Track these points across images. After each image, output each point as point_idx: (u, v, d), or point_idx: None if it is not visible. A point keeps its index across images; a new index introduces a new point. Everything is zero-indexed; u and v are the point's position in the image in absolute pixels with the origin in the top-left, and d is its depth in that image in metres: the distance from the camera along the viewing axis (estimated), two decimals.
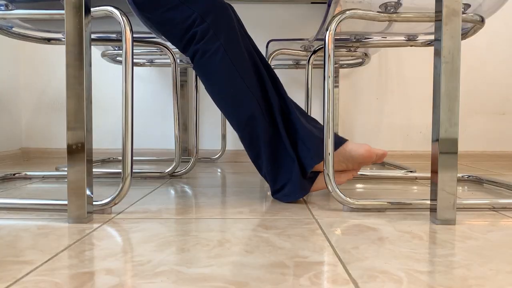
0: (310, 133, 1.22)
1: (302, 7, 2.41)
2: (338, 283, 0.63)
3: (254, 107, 1.21)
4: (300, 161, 1.21)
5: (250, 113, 1.20)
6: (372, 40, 1.62)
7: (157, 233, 0.89)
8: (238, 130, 1.24)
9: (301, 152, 1.22)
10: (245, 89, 1.20)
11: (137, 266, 0.70)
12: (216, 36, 1.19)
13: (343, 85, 2.47)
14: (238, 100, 1.21)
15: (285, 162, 1.23)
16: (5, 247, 0.80)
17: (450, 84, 0.96)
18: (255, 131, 1.22)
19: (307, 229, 0.93)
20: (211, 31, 1.19)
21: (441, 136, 0.97)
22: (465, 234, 0.90)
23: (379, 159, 1.28)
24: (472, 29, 1.31)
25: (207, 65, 1.21)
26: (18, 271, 0.67)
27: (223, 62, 1.19)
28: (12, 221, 0.98)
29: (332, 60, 1.14)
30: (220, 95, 1.23)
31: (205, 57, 1.21)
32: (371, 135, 2.51)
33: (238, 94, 1.21)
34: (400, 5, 1.19)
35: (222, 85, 1.22)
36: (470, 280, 0.65)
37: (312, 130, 1.24)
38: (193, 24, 1.20)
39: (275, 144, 1.23)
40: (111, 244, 0.82)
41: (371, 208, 1.11)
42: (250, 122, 1.21)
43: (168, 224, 0.97)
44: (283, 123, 1.24)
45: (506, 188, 1.41)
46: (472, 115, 2.49)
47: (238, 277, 0.65)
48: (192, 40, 1.22)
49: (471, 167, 2.06)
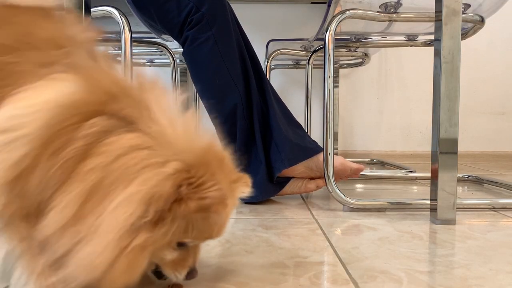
0: (285, 137, 1.21)
1: (302, 7, 2.41)
2: (338, 283, 0.63)
3: (237, 102, 1.19)
4: (269, 164, 1.21)
5: (232, 107, 1.19)
6: (372, 40, 1.62)
7: None
8: (219, 124, 1.22)
9: (272, 155, 1.20)
10: (230, 82, 1.20)
11: None
12: (208, 25, 1.19)
13: (343, 85, 2.47)
14: (221, 92, 1.20)
15: (252, 163, 1.21)
16: None
17: (450, 84, 0.96)
18: (233, 128, 1.20)
19: (307, 229, 0.93)
20: (204, 19, 1.19)
21: (441, 136, 0.97)
22: (465, 234, 0.90)
23: (355, 173, 1.28)
24: (472, 29, 1.31)
25: (196, 53, 1.20)
26: None
27: (211, 52, 1.19)
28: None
29: (332, 60, 1.14)
30: (205, 84, 1.23)
31: (194, 45, 1.20)
32: (371, 135, 2.51)
33: (223, 86, 1.20)
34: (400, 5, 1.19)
35: (209, 75, 1.21)
36: (470, 280, 0.65)
37: (289, 134, 1.22)
38: (189, 14, 1.21)
39: (249, 144, 1.22)
40: None
41: (371, 208, 1.11)
42: (230, 117, 1.20)
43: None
44: (260, 123, 1.22)
45: (506, 188, 1.41)
46: (472, 115, 2.49)
47: (238, 277, 0.65)
48: (186, 26, 1.22)
49: (471, 167, 2.06)
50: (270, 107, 1.24)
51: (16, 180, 0.50)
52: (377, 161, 2.19)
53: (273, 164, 1.19)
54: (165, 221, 0.50)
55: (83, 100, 0.51)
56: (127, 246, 0.48)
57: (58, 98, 0.50)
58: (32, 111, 0.50)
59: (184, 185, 0.49)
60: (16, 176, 0.49)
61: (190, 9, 1.21)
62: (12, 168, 0.49)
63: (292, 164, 1.19)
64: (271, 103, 1.25)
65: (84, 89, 0.51)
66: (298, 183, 1.24)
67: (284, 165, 1.18)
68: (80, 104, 0.50)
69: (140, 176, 0.49)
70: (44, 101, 0.50)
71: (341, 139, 2.45)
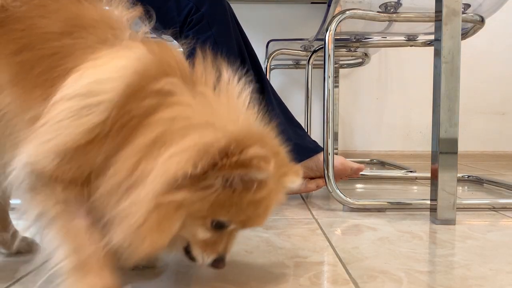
0: (285, 137, 1.21)
1: (302, 7, 2.41)
2: (338, 283, 0.63)
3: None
4: None
5: None
6: (372, 40, 1.62)
7: None
8: None
9: None
10: None
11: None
12: (208, 26, 1.19)
13: (343, 85, 2.47)
14: None
15: None
16: None
17: (450, 84, 0.96)
18: None
19: (307, 229, 0.93)
20: (204, 20, 1.19)
21: (441, 136, 0.97)
22: (465, 234, 0.90)
23: (355, 173, 1.28)
24: (472, 29, 1.31)
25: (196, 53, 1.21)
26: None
27: (211, 52, 1.19)
28: None
29: (332, 60, 1.14)
30: None
31: (194, 45, 1.20)
32: (371, 135, 2.51)
33: None
34: (400, 5, 1.19)
35: None
36: (470, 280, 0.65)
37: (289, 134, 1.22)
38: (189, 14, 1.21)
39: None
40: None
41: (371, 208, 1.11)
42: None
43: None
44: None
45: (506, 188, 1.41)
46: (472, 115, 2.49)
47: (238, 277, 0.65)
48: (186, 26, 1.22)
49: (471, 167, 2.06)
50: (270, 106, 1.24)
51: (84, 146, 0.52)
52: (377, 161, 2.19)
53: None
54: (207, 182, 0.51)
55: (152, 67, 0.54)
56: (164, 200, 0.49)
57: (134, 64, 0.53)
58: (112, 77, 0.52)
59: (232, 145, 0.50)
60: (87, 142, 0.51)
61: (190, 9, 1.21)
62: (86, 133, 0.51)
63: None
64: (271, 103, 1.25)
65: (151, 58, 0.55)
66: None
67: None
68: (151, 71, 0.53)
69: (196, 132, 0.51)
70: (122, 67, 0.53)
71: (341, 139, 2.45)
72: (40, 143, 0.52)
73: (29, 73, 0.56)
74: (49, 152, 0.52)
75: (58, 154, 0.52)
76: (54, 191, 0.54)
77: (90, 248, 0.55)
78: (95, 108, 0.51)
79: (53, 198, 0.54)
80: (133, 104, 0.52)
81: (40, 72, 0.55)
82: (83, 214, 0.56)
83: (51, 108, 0.52)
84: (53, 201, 0.54)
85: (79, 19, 0.59)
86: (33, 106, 0.54)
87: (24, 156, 0.52)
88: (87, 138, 0.51)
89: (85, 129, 0.51)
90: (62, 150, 0.51)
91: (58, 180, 0.53)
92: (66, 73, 0.54)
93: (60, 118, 0.52)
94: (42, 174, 0.53)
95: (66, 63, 0.55)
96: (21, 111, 0.55)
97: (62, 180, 0.53)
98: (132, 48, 0.56)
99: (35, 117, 0.53)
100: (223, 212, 0.53)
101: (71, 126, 0.51)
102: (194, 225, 0.54)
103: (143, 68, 0.53)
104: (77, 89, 0.52)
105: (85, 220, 0.56)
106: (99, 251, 0.55)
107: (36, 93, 0.55)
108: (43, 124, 0.52)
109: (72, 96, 0.52)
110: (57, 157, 0.52)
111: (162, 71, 0.54)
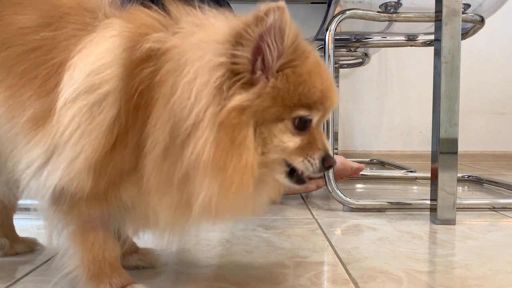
0: None
1: (302, 7, 2.41)
2: (338, 283, 0.63)
3: None
4: None
5: None
6: (372, 40, 1.62)
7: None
8: None
9: None
10: None
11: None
12: None
13: (343, 85, 2.47)
14: None
15: None
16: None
17: (450, 84, 0.96)
18: None
19: (307, 229, 0.93)
20: None
21: (441, 136, 0.97)
22: (465, 234, 0.90)
23: (355, 173, 1.27)
24: (472, 29, 1.31)
25: None
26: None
27: None
28: None
29: (332, 60, 1.14)
30: None
31: None
32: (371, 135, 2.50)
33: None
34: (400, 5, 1.19)
35: None
36: (470, 280, 0.65)
37: None
38: None
39: None
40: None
41: (371, 208, 1.11)
42: None
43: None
44: None
45: (506, 188, 1.41)
46: (472, 115, 2.49)
47: (238, 277, 0.65)
48: None
49: (471, 167, 2.06)
50: None
51: (111, 151, 0.50)
52: (377, 161, 2.19)
53: None
54: (255, 79, 0.49)
55: (135, 36, 0.52)
56: (222, 114, 0.47)
57: (118, 42, 0.52)
58: (105, 63, 0.51)
59: (242, 22, 0.49)
60: (112, 146, 0.50)
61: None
62: (109, 133, 0.50)
63: None
64: None
65: (130, 27, 0.53)
66: None
67: None
68: (135, 41, 0.52)
69: (204, 37, 0.50)
70: (109, 50, 0.52)
71: (341, 139, 2.45)
72: (69, 161, 0.50)
73: (10, 73, 0.54)
74: (83, 170, 0.50)
75: (90, 169, 0.50)
76: (80, 206, 0.53)
77: (105, 258, 0.55)
78: (104, 102, 0.50)
79: (77, 211, 0.54)
80: (136, 80, 0.50)
81: (24, 70, 0.54)
82: (103, 227, 0.56)
83: (59, 116, 0.50)
84: (77, 214, 0.54)
85: (55, 9, 0.57)
86: (27, 108, 0.52)
87: (55, 177, 0.50)
88: (110, 140, 0.50)
89: (105, 128, 0.50)
90: (93, 163, 0.50)
91: (88, 197, 0.52)
92: (57, 69, 0.53)
93: (75, 125, 0.50)
94: (77, 193, 0.51)
95: (53, 57, 0.53)
96: (13, 115, 0.53)
97: (91, 196, 0.52)
98: (110, 26, 0.54)
99: (33, 118, 0.52)
100: (293, 101, 0.49)
101: (92, 131, 0.50)
102: (276, 133, 0.50)
103: (127, 41, 0.52)
104: (77, 87, 0.51)
105: (103, 232, 0.56)
106: (114, 261, 0.56)
107: (27, 93, 0.53)
108: (60, 135, 0.50)
109: (75, 97, 0.50)
110: (90, 172, 0.50)
111: (144, 34, 0.52)
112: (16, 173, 0.54)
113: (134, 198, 0.54)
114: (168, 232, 0.58)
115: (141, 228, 0.62)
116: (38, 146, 0.51)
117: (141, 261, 0.69)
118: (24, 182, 0.53)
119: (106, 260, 0.56)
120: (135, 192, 0.53)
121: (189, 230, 0.62)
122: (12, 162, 0.55)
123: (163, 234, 0.58)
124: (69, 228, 0.55)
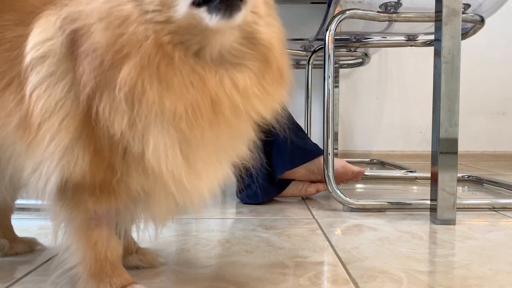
0: (286, 139, 1.21)
1: (302, 7, 2.40)
2: (338, 283, 0.63)
3: None
4: (271, 166, 1.20)
5: None
6: (372, 40, 1.62)
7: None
8: None
9: (274, 157, 1.19)
10: None
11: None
12: None
13: (343, 85, 2.47)
14: None
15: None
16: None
17: (450, 84, 0.96)
18: None
19: (307, 229, 0.93)
20: None
21: (441, 136, 0.97)
22: (465, 234, 0.90)
23: (356, 176, 1.27)
24: (472, 29, 1.31)
25: None
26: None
27: None
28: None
29: (332, 60, 1.14)
30: None
31: None
32: (371, 135, 2.50)
33: None
34: (400, 5, 1.19)
35: None
36: (470, 280, 0.65)
37: (290, 137, 1.22)
38: None
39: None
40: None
41: (371, 208, 1.11)
42: None
43: (168, 224, 0.97)
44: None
45: (506, 188, 1.41)
46: (472, 115, 2.49)
47: (238, 277, 0.65)
48: None
49: (471, 167, 2.06)
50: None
51: (86, 119, 0.49)
52: (377, 161, 2.19)
53: (274, 166, 1.19)
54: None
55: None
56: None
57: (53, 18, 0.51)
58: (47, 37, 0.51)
59: None
60: (85, 114, 0.48)
61: None
62: (74, 101, 0.48)
63: (294, 166, 1.19)
64: None
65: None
66: (299, 185, 1.24)
67: (286, 167, 1.18)
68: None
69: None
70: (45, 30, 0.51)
71: (341, 139, 2.45)
72: (60, 150, 0.49)
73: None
74: (71, 147, 0.49)
75: (78, 142, 0.49)
76: (86, 202, 0.53)
77: (107, 257, 0.55)
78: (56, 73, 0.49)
79: (83, 208, 0.53)
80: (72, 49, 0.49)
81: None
82: (107, 225, 0.56)
83: (33, 106, 0.50)
84: (83, 210, 0.54)
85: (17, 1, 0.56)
86: (11, 113, 0.52)
87: (56, 170, 0.50)
88: (76, 108, 0.49)
89: (68, 100, 0.49)
90: (77, 136, 0.49)
91: (94, 190, 0.52)
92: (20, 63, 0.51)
93: (46, 107, 0.49)
94: (79, 183, 0.51)
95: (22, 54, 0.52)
96: (3, 123, 0.52)
97: (96, 189, 0.51)
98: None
99: (23, 122, 0.51)
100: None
101: (62, 108, 0.49)
102: None
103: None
104: (29, 59, 0.50)
105: (107, 231, 0.56)
106: (115, 260, 0.56)
107: (8, 97, 0.52)
108: (39, 126, 0.49)
109: (35, 73, 0.50)
110: (80, 149, 0.49)
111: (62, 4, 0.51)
112: (22, 178, 0.54)
113: (145, 183, 0.52)
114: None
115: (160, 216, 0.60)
116: (35, 152, 0.51)
117: (141, 261, 0.69)
118: (31, 185, 0.53)
119: (108, 259, 0.56)
120: (142, 178, 0.51)
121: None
122: (14, 167, 0.55)
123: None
124: (74, 224, 0.55)
